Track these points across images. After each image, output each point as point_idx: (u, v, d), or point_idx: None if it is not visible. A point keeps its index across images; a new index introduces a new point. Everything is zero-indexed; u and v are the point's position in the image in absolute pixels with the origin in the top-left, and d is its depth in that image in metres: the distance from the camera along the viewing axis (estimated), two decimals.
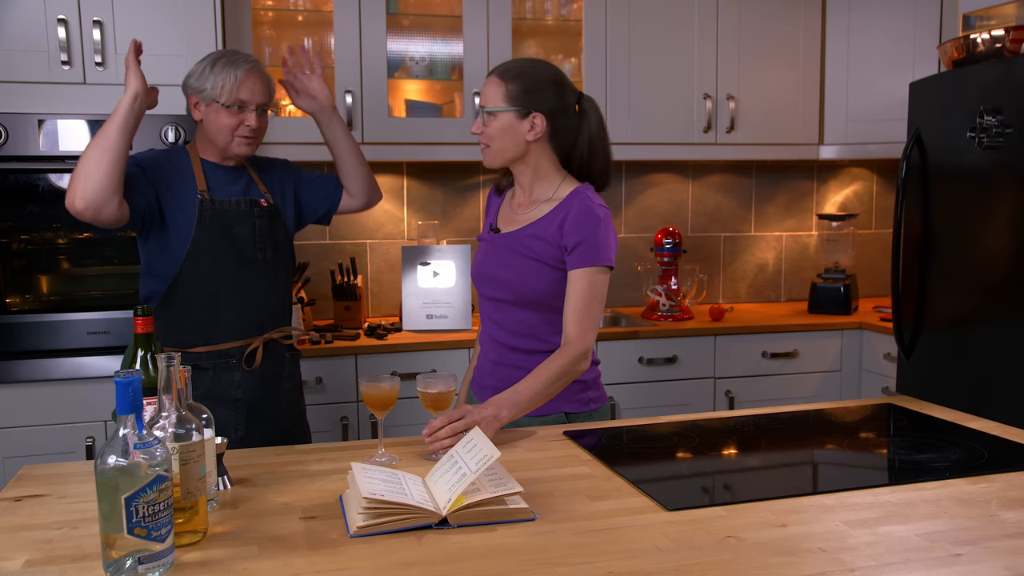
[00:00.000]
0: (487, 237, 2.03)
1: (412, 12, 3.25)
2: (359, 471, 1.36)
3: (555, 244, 1.88)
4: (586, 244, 1.84)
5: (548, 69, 1.93)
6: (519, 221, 1.97)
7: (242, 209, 2.10)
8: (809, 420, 1.92)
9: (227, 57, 2.06)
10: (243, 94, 2.03)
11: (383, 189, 3.43)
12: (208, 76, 2.03)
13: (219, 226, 2.06)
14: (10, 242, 2.67)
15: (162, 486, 1.12)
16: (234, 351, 2.10)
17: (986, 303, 2.57)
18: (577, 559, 1.17)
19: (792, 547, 1.21)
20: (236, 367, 2.09)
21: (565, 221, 1.86)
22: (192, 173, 2.07)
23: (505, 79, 1.89)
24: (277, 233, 2.17)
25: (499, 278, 1.94)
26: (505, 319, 1.96)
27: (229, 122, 2.04)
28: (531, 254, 1.90)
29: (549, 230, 1.89)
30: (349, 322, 3.17)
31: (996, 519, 1.30)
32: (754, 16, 3.41)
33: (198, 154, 2.11)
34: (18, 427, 2.62)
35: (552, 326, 1.93)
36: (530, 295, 1.91)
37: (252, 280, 2.11)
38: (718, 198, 3.83)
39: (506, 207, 2.04)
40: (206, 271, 2.05)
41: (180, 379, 1.27)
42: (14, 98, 2.62)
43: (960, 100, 2.64)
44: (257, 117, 2.06)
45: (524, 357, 1.93)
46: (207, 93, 2.03)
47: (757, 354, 3.26)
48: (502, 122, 1.89)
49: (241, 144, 2.07)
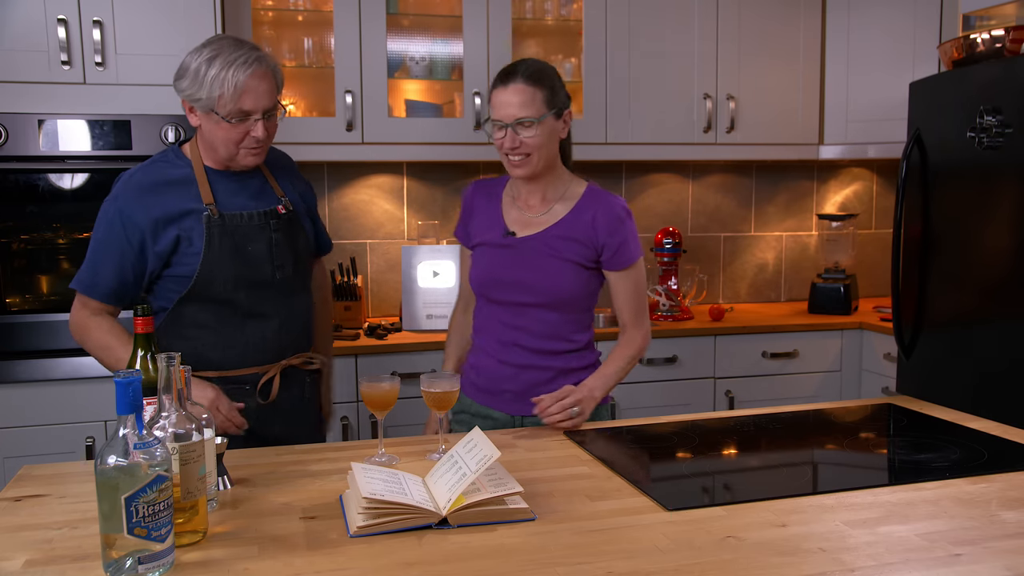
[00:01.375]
0: (502, 242, 1.94)
1: (412, 12, 3.25)
2: (359, 471, 1.36)
3: (590, 245, 1.91)
4: (627, 242, 1.92)
5: (551, 66, 1.93)
6: (539, 223, 1.93)
7: (256, 224, 1.85)
8: (809, 420, 1.92)
9: (224, 55, 1.72)
10: (246, 103, 1.73)
11: (383, 189, 3.44)
12: (204, 82, 1.72)
13: (230, 245, 1.81)
14: (10, 242, 2.67)
15: (162, 486, 1.12)
16: (247, 378, 1.86)
17: (986, 303, 2.57)
18: (577, 559, 1.17)
19: (792, 547, 1.21)
20: (250, 395, 1.86)
21: (596, 222, 1.90)
22: (195, 183, 1.82)
23: (534, 83, 1.84)
24: (296, 243, 1.93)
25: (525, 282, 1.90)
26: (530, 323, 1.92)
27: (231, 135, 1.77)
28: (563, 256, 1.90)
29: (579, 230, 1.90)
30: (349, 322, 3.17)
31: (996, 519, 1.30)
32: (754, 16, 3.41)
33: (200, 159, 1.85)
34: (18, 427, 2.62)
35: (576, 325, 1.95)
36: (563, 296, 1.91)
37: (269, 303, 1.87)
38: (718, 198, 3.83)
39: (513, 210, 1.98)
40: (217, 295, 1.82)
41: (180, 379, 1.27)
42: (14, 98, 2.62)
43: (960, 100, 2.64)
44: (264, 125, 1.78)
45: (553, 358, 1.93)
46: (202, 103, 1.74)
47: (757, 354, 3.26)
48: (548, 128, 1.86)
49: (248, 156, 1.81)
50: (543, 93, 1.85)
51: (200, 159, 1.85)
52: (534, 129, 1.84)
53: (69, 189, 2.69)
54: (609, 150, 3.32)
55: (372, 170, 3.43)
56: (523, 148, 1.85)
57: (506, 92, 1.84)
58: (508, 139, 1.84)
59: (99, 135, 2.66)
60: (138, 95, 2.69)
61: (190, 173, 1.83)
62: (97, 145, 2.66)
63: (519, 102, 1.83)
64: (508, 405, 1.96)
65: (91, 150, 2.66)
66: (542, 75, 1.87)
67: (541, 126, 1.84)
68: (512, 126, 1.84)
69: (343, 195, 3.41)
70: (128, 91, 2.70)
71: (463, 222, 2.06)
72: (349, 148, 3.07)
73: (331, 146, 3.06)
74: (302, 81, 3.23)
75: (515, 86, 1.84)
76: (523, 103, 1.83)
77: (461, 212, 2.08)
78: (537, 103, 1.83)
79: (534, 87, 1.84)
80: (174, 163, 1.85)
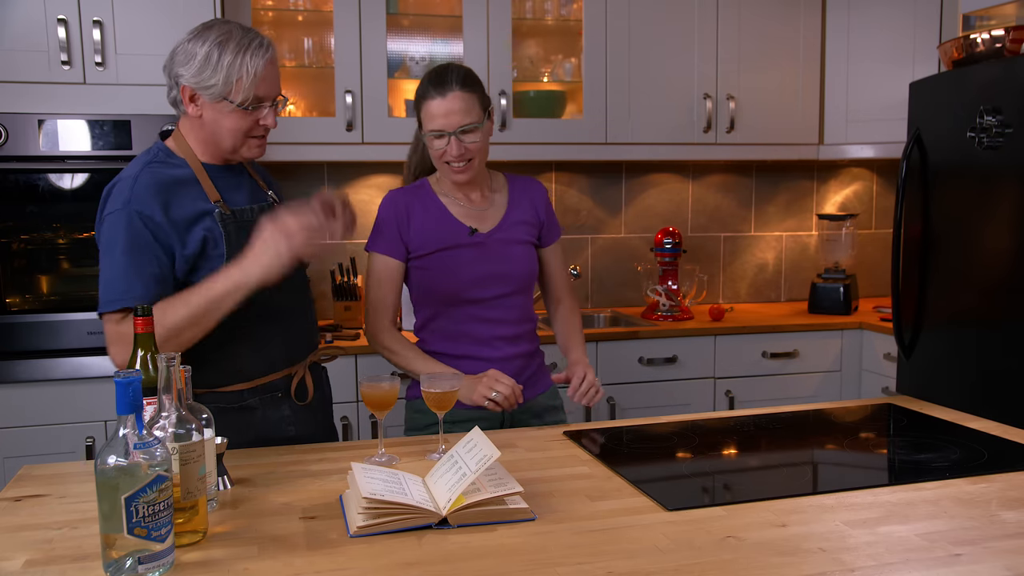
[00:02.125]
0: (470, 241, 1.94)
1: (412, 12, 3.25)
2: (359, 471, 1.36)
3: (535, 223, 2.05)
4: (554, 217, 2.11)
5: (466, 66, 1.95)
6: (493, 216, 2.00)
7: (260, 217, 1.68)
8: (809, 420, 1.92)
9: (235, 39, 1.64)
10: (262, 90, 1.66)
11: (383, 189, 3.43)
12: (216, 68, 1.62)
13: (247, 240, 1.63)
14: (10, 242, 2.67)
15: (162, 486, 1.12)
16: (279, 383, 1.78)
17: (986, 303, 2.57)
18: (577, 559, 1.17)
19: (792, 547, 1.21)
20: (284, 400, 1.79)
21: (535, 201, 2.05)
22: (198, 182, 1.71)
23: (469, 89, 1.86)
24: None
25: (506, 273, 1.97)
26: (507, 313, 1.98)
27: (242, 124, 1.67)
28: (523, 240, 2.01)
29: (525, 213, 2.03)
30: (349, 322, 3.17)
31: (996, 519, 1.30)
32: (754, 16, 3.41)
33: (194, 156, 1.73)
34: (18, 427, 2.62)
35: (531, 300, 2.06)
36: (531, 277, 2.04)
37: (293, 294, 1.79)
38: (718, 198, 3.83)
39: (459, 208, 1.96)
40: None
41: (180, 379, 1.27)
42: (14, 98, 2.62)
43: (960, 100, 2.64)
44: (274, 113, 1.72)
45: (522, 341, 2.02)
46: (215, 90, 1.64)
47: (757, 354, 3.26)
48: (486, 130, 1.91)
49: (254, 146, 1.73)
50: (477, 96, 1.88)
51: (194, 156, 1.73)
52: (477, 134, 1.86)
53: (69, 189, 2.69)
54: (609, 150, 3.32)
55: (372, 170, 3.43)
56: (467, 154, 1.87)
57: (445, 101, 1.83)
58: (453, 147, 1.85)
59: (99, 135, 2.66)
60: (138, 95, 2.69)
61: (189, 172, 1.71)
62: (97, 145, 2.66)
63: (460, 109, 1.83)
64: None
65: (91, 150, 2.66)
66: (472, 79, 1.89)
67: (482, 130, 1.88)
68: (456, 134, 1.84)
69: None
70: (128, 91, 2.70)
71: (394, 235, 1.94)
72: (349, 148, 3.07)
73: (331, 146, 3.06)
74: (302, 81, 3.23)
75: (453, 94, 1.83)
76: (465, 110, 1.84)
77: (387, 225, 1.95)
78: (476, 108, 1.86)
79: (470, 92, 1.86)
80: (170, 163, 1.72)
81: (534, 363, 2.06)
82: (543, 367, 2.11)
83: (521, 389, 1.86)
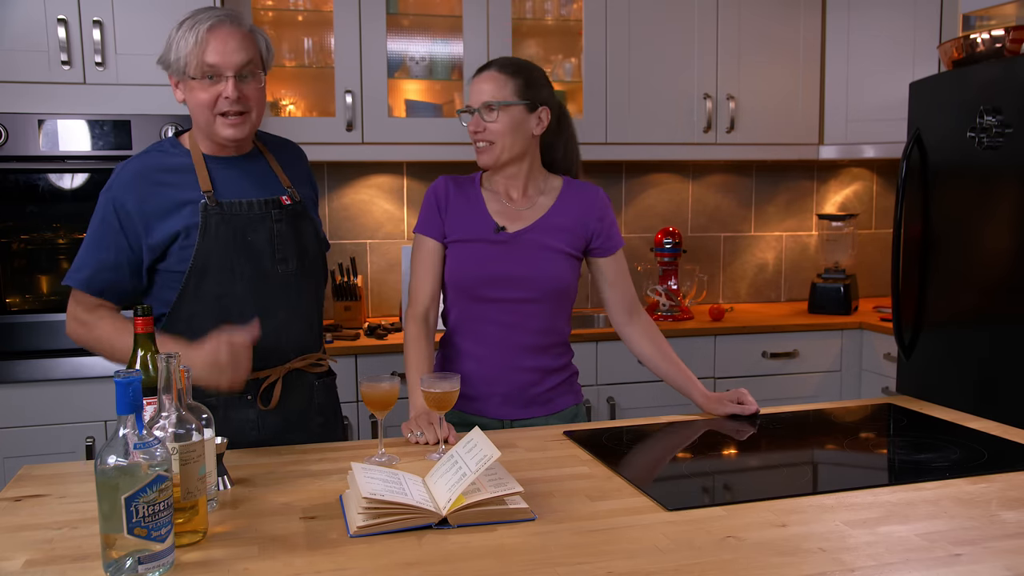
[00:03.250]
0: (493, 238, 1.89)
1: (412, 12, 3.25)
2: (359, 471, 1.36)
3: (579, 233, 1.94)
4: (615, 226, 1.99)
5: (538, 67, 1.94)
6: (526, 217, 1.92)
7: (256, 212, 1.74)
8: (809, 420, 1.92)
9: (192, 16, 1.67)
10: (211, 57, 1.63)
11: (383, 189, 3.44)
12: (172, 45, 1.66)
13: (229, 234, 1.70)
14: (10, 242, 2.67)
15: (162, 486, 1.12)
16: (248, 385, 1.70)
17: (986, 303, 2.57)
18: (577, 559, 1.17)
19: (792, 547, 1.21)
20: (251, 404, 1.76)
21: (584, 209, 1.94)
22: (193, 172, 1.72)
23: (507, 73, 1.85)
24: (304, 237, 1.81)
25: (524, 276, 1.88)
26: (525, 319, 1.89)
27: (204, 98, 1.66)
28: (555, 247, 1.90)
29: (568, 219, 1.92)
30: (349, 322, 3.17)
31: (996, 519, 1.30)
32: (754, 16, 3.41)
33: (198, 147, 1.75)
34: (18, 427, 2.62)
35: (565, 317, 1.96)
36: (560, 288, 1.92)
37: (270, 299, 1.75)
38: (718, 198, 3.83)
39: (497, 204, 1.93)
40: (213, 290, 1.71)
41: (180, 379, 1.27)
42: (14, 98, 2.62)
43: (960, 100, 2.64)
44: (235, 85, 1.65)
45: (541, 354, 1.93)
46: (175, 67, 1.67)
47: (757, 354, 3.26)
48: (512, 116, 1.85)
49: (224, 125, 1.68)
50: (516, 82, 1.86)
51: (198, 147, 1.75)
52: (496, 114, 1.84)
53: (69, 189, 2.69)
54: (609, 150, 3.32)
55: (372, 170, 3.43)
56: (486, 134, 1.85)
57: (480, 80, 1.87)
58: (473, 122, 1.87)
59: (99, 135, 2.66)
60: (138, 95, 2.70)
61: (187, 161, 1.73)
62: (97, 145, 2.66)
63: (489, 88, 1.85)
64: (497, 409, 1.92)
65: (91, 150, 2.66)
66: (520, 68, 1.88)
67: (505, 112, 1.84)
68: (479, 110, 1.85)
69: (343, 195, 3.41)
70: (128, 91, 2.70)
71: (434, 216, 1.93)
72: (349, 148, 3.08)
73: (331, 146, 3.06)
74: (302, 81, 3.23)
75: (488, 73, 1.87)
76: (493, 89, 1.85)
77: (428, 206, 1.94)
78: (506, 90, 1.85)
79: (507, 75, 1.86)
80: (170, 152, 1.75)
81: (551, 381, 1.94)
82: (565, 388, 1.99)
83: (446, 435, 1.69)
